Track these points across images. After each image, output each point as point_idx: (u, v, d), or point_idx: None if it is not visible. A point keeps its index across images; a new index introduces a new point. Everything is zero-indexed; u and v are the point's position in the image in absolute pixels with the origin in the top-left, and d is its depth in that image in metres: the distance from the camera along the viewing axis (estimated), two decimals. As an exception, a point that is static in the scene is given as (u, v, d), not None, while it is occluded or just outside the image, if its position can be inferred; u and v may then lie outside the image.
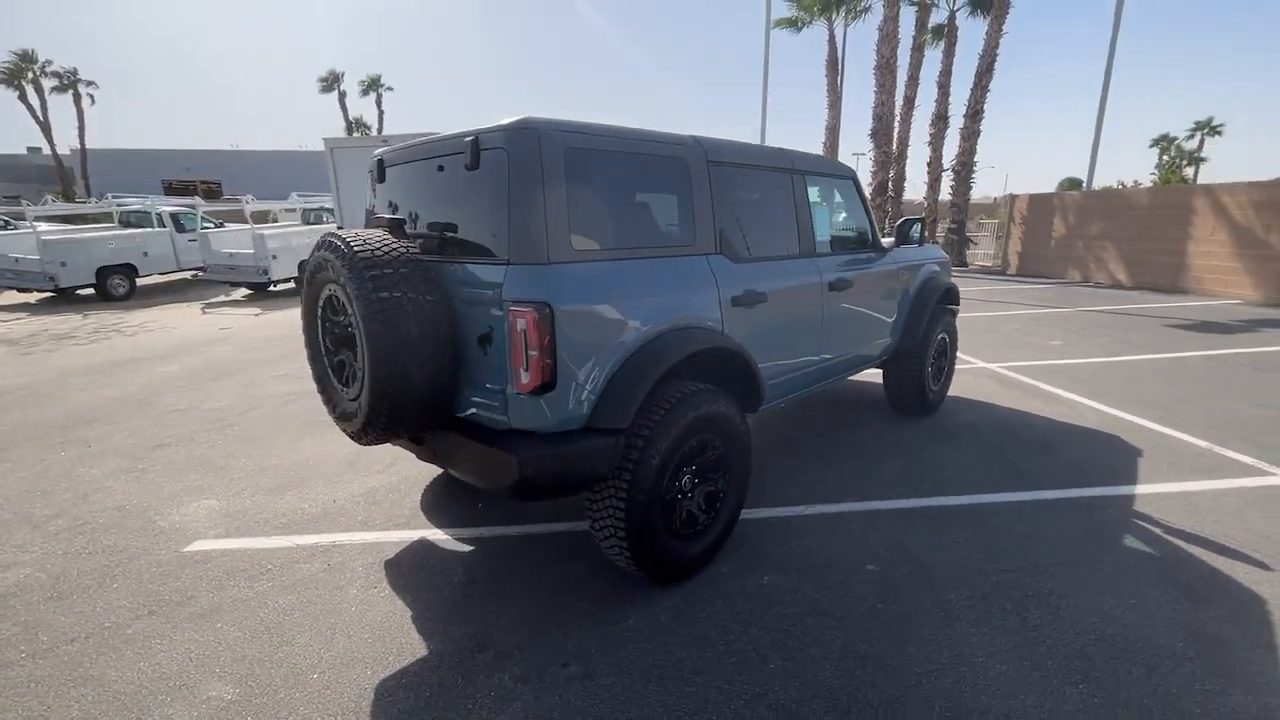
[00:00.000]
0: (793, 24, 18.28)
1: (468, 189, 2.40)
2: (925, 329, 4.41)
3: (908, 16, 16.12)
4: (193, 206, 14.58)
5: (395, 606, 2.55)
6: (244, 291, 13.38)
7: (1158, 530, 3.06)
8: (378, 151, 2.97)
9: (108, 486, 3.77)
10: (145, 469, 4.03)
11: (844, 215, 3.93)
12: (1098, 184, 14.59)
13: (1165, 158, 58.63)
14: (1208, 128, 57.84)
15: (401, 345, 2.19)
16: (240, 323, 9.81)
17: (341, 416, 2.56)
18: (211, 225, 14.85)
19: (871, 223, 4.08)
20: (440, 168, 2.52)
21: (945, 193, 16.75)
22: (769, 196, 3.25)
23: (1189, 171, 60.29)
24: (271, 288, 13.10)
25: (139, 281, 13.09)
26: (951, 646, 2.25)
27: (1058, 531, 3.06)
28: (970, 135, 15.62)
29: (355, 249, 2.24)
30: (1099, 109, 13.90)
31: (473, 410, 2.46)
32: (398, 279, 2.22)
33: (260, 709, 2.01)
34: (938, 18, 17.13)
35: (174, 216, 14.44)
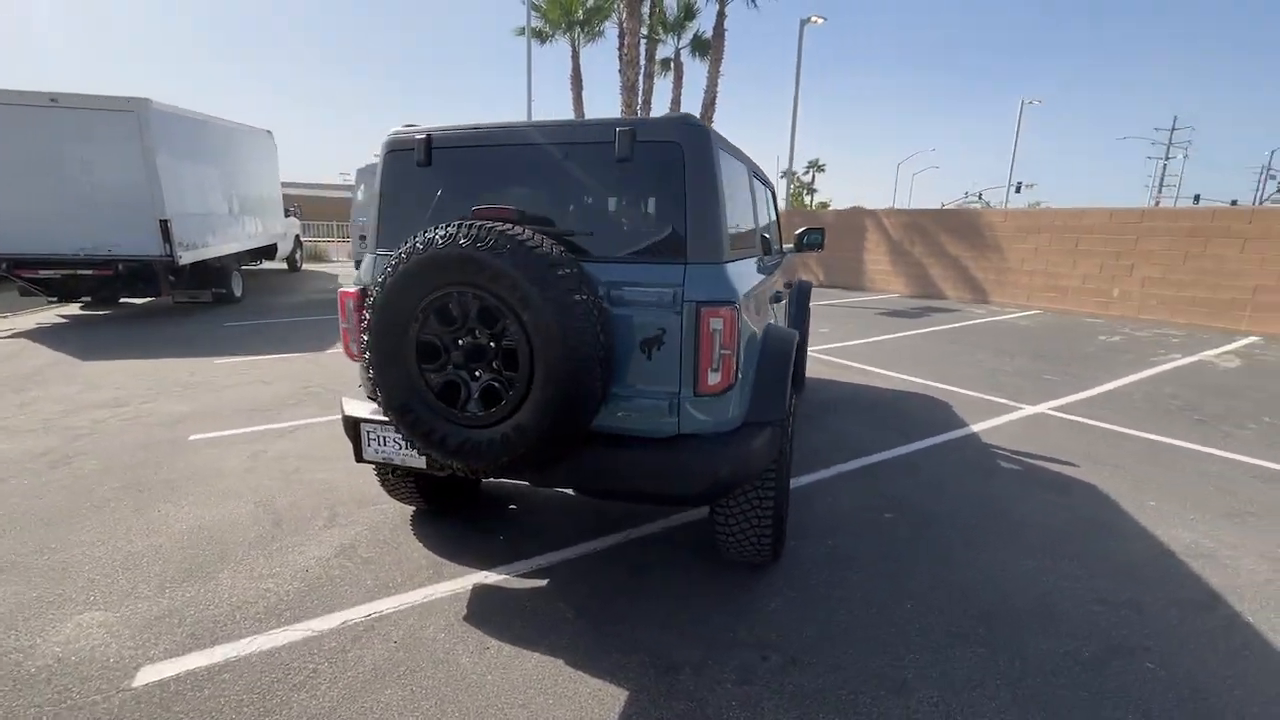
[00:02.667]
0: (539, 35, 18.74)
1: (616, 182, 2.21)
2: (806, 320, 5.27)
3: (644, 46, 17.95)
4: None
5: (536, 659, 2.20)
6: None
7: (1005, 453, 4.32)
8: (408, 129, 2.44)
9: None
10: (-110, 597, 2.49)
11: (769, 220, 4.48)
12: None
13: (791, 187, 75.93)
14: (816, 166, 76.55)
15: (593, 354, 1.94)
16: None
17: (456, 451, 2.08)
18: None
19: (780, 226, 4.74)
20: (565, 155, 2.24)
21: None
22: (759, 203, 3.60)
23: (809, 199, 78.93)
24: None
25: None
26: (989, 559, 2.93)
27: (955, 467, 4.08)
28: (701, 158, 18.19)
29: (531, 246, 1.89)
30: (790, 145, 17.62)
31: (603, 418, 2.27)
32: (578, 280, 1.96)
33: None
34: (666, 51, 19.48)
35: None
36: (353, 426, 2.55)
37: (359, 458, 2.59)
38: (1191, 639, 2.37)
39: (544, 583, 2.70)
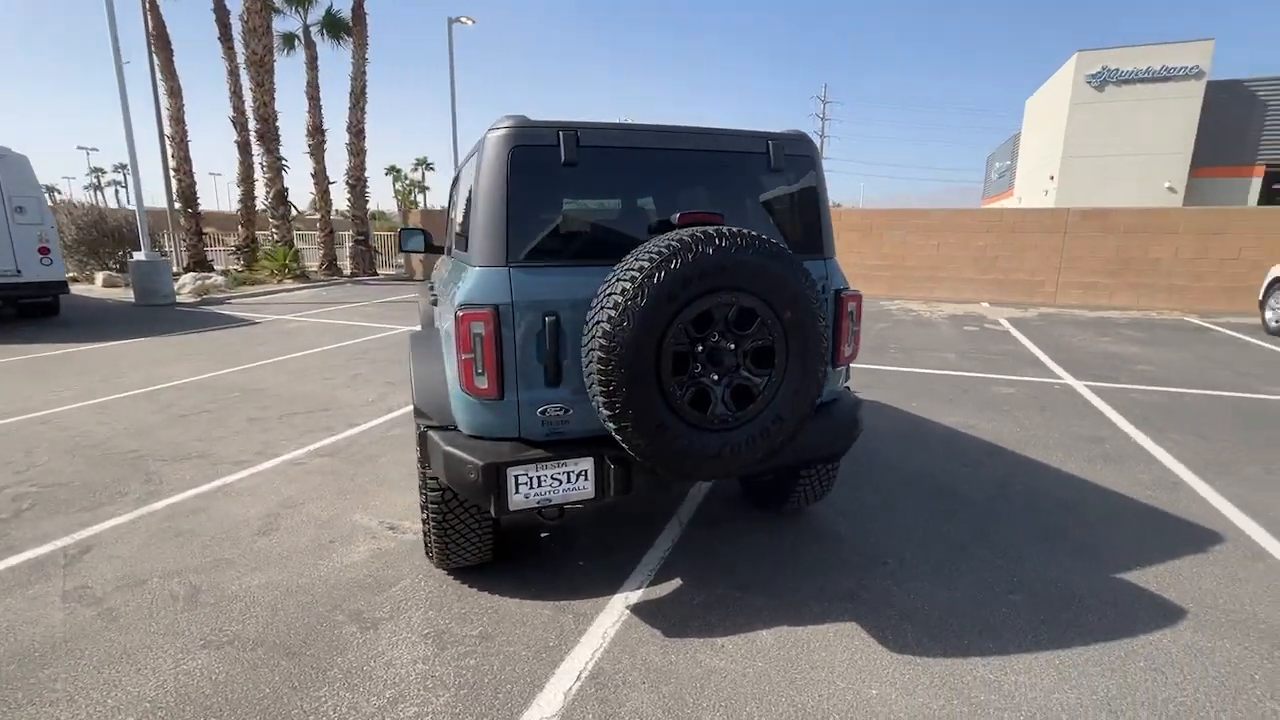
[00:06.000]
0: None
1: (762, 188, 2.41)
2: None
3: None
4: None
5: (771, 634, 2.35)
6: None
7: (813, 393, 5.78)
8: (534, 122, 2.11)
9: None
10: None
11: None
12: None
13: (398, 185, 73.36)
14: (425, 164, 75.40)
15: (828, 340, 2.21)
16: None
17: (716, 457, 2.06)
18: None
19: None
20: (724, 165, 2.32)
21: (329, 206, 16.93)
22: None
23: (420, 198, 77.24)
24: None
25: None
26: (896, 459, 4.13)
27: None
28: (358, 152, 16.32)
29: (784, 249, 2.03)
30: (453, 142, 17.37)
31: None
32: (812, 278, 2.18)
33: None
34: (288, 25, 16.62)
35: None
36: (494, 475, 2.12)
37: (503, 510, 2.17)
38: (1015, 469, 3.95)
39: (680, 581, 2.73)
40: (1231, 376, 6.40)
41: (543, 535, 3.13)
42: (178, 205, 15.38)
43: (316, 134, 16.30)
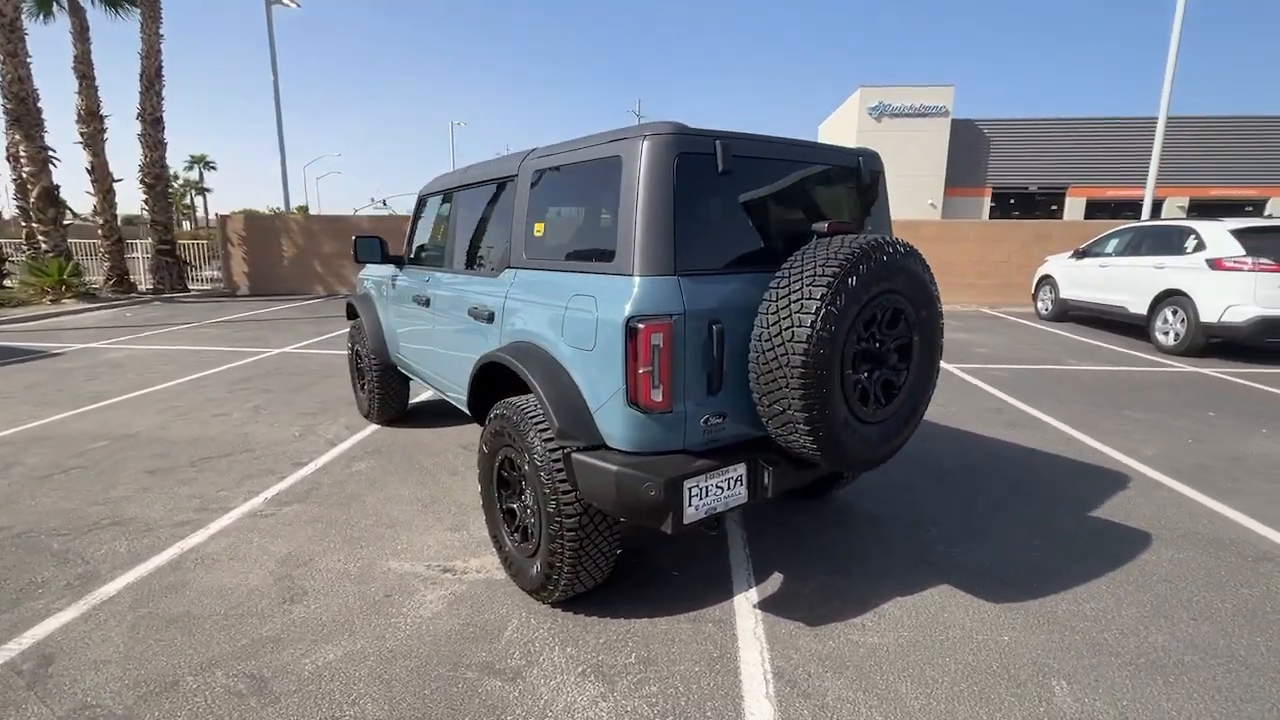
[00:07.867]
0: None
1: (855, 198, 2.61)
2: None
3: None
4: None
5: (907, 602, 2.56)
6: None
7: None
8: (691, 129, 2.08)
9: None
10: None
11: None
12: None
13: (169, 186, 62.90)
14: (203, 162, 65.41)
15: None
16: None
17: (875, 447, 2.22)
18: None
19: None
20: (828, 177, 2.47)
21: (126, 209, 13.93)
22: None
23: (199, 199, 67.15)
24: None
25: None
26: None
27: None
28: (156, 145, 13.54)
29: (922, 256, 2.26)
30: (279, 145, 15.28)
31: None
32: (925, 279, 2.43)
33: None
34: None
35: None
36: (677, 490, 2.07)
37: (678, 525, 2.11)
38: (959, 441, 4.66)
39: (780, 575, 2.83)
40: (1041, 354, 8.09)
41: (617, 552, 3.02)
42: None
43: (92, 120, 13.23)
